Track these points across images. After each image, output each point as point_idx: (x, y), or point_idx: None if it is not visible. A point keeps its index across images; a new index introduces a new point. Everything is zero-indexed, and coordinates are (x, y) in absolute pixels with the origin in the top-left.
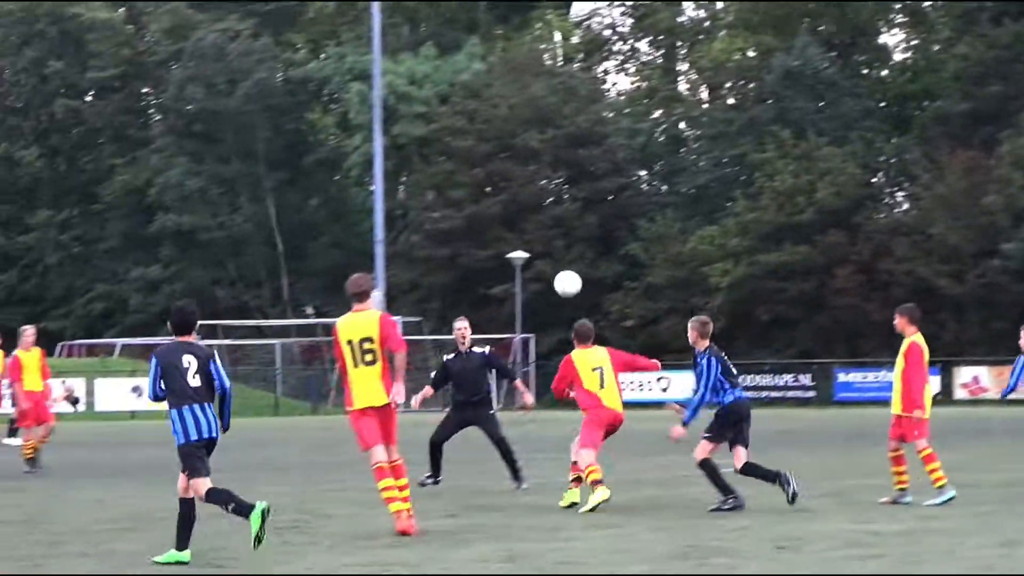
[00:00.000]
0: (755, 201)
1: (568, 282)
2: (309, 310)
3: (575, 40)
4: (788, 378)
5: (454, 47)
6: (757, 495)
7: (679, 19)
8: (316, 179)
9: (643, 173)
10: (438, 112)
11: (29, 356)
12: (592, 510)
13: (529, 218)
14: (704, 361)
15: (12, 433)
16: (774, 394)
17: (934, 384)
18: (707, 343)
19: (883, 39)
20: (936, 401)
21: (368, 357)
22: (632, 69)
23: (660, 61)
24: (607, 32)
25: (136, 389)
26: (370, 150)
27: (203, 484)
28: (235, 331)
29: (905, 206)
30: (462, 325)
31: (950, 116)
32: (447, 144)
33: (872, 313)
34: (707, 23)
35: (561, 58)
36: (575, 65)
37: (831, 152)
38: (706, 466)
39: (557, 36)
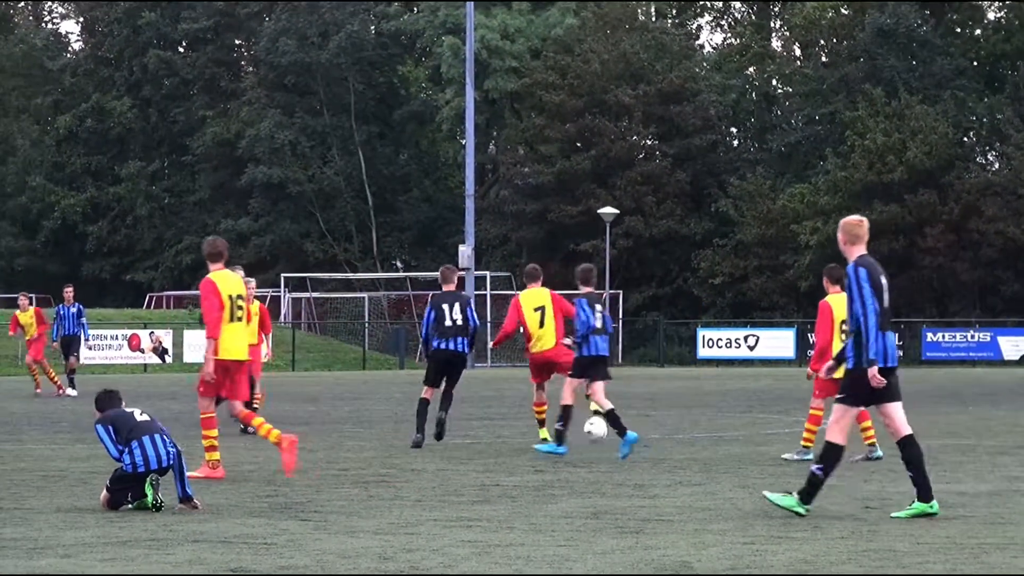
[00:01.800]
0: (845, 159)
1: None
2: (398, 264)
3: None
4: None
5: (547, 1)
6: (846, 456)
7: None
8: (407, 133)
9: (734, 130)
10: (530, 67)
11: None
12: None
13: (619, 174)
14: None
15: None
16: None
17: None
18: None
19: None
20: None
21: (239, 313)
22: (725, 25)
23: (753, 18)
24: None
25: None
26: (461, 104)
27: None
28: (324, 284)
29: (996, 166)
30: None
31: None
32: (539, 99)
33: (961, 273)
34: None
35: (654, 14)
36: (668, 21)
37: (923, 111)
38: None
39: None
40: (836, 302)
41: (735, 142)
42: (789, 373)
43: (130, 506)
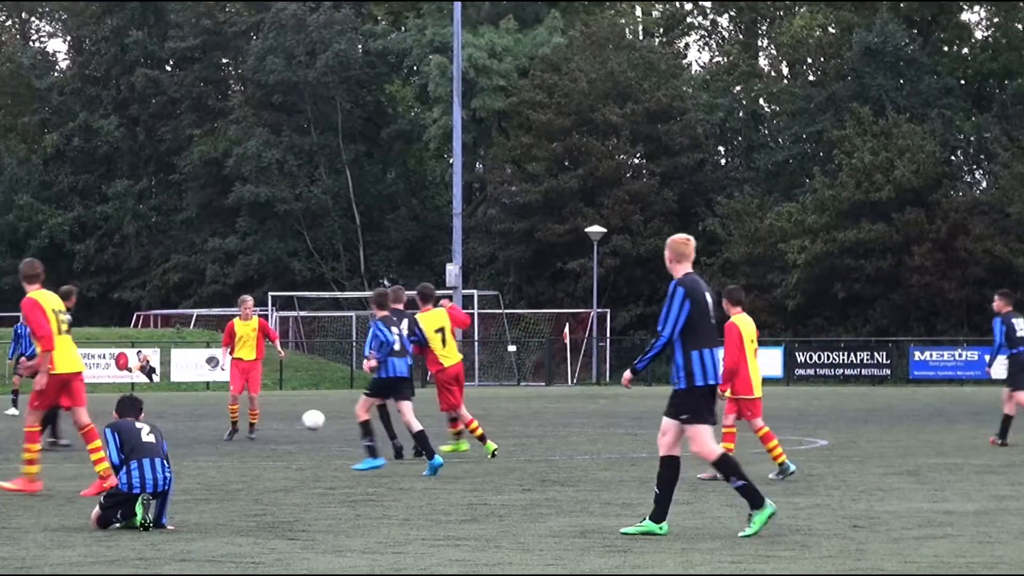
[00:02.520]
0: (833, 178)
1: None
2: (385, 282)
3: (655, 14)
4: (864, 356)
5: (535, 20)
6: (834, 474)
7: None
8: (394, 151)
9: (721, 149)
10: (517, 85)
11: None
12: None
13: (607, 193)
14: None
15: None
16: (849, 372)
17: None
18: None
19: (964, 17)
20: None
21: (65, 327)
22: (712, 44)
23: (740, 37)
24: (687, 6)
25: (211, 360)
26: (449, 123)
27: None
28: (311, 303)
29: (983, 184)
30: None
31: None
32: (526, 118)
33: (949, 292)
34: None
35: (641, 33)
36: (655, 40)
37: (910, 130)
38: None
39: (637, 10)
40: (742, 322)
41: (722, 161)
42: (777, 392)
43: (118, 525)
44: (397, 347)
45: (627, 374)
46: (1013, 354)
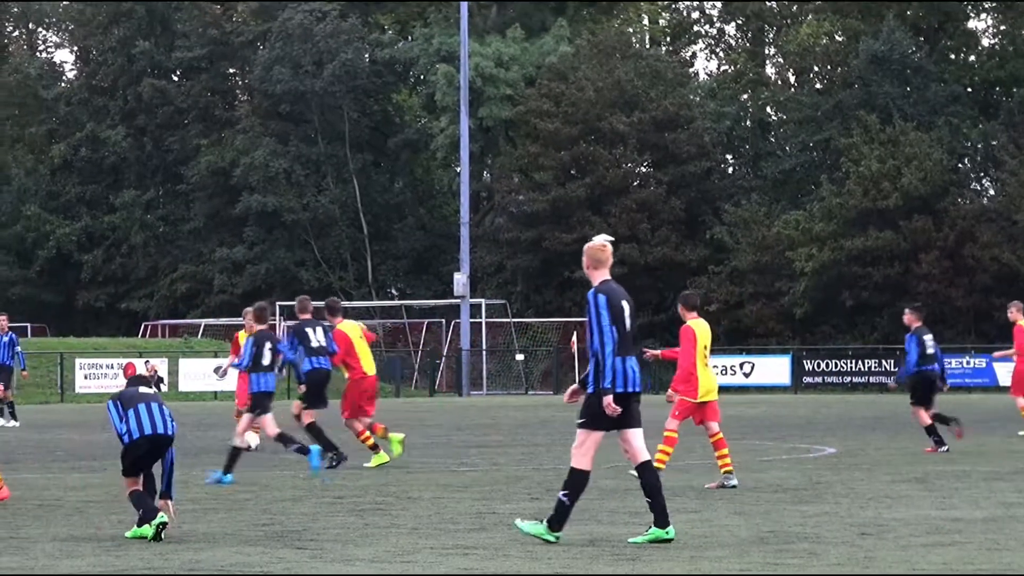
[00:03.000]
0: (840, 186)
1: None
2: (393, 292)
3: (661, 23)
4: (871, 363)
5: (541, 29)
6: (842, 481)
7: (767, 2)
8: (401, 161)
9: (729, 157)
10: (524, 94)
11: None
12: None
13: (614, 201)
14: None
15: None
16: (857, 379)
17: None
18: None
19: (971, 24)
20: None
21: None
22: (720, 53)
23: (747, 45)
24: (694, 15)
25: (217, 369)
26: (456, 132)
27: None
28: (319, 313)
29: (991, 192)
30: None
31: None
32: (533, 127)
33: (956, 300)
34: (795, 7)
35: (648, 42)
36: (662, 48)
37: (917, 137)
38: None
39: (644, 19)
40: (698, 327)
41: (730, 169)
42: (785, 400)
43: (127, 535)
44: (267, 363)
45: (607, 399)
46: (922, 371)
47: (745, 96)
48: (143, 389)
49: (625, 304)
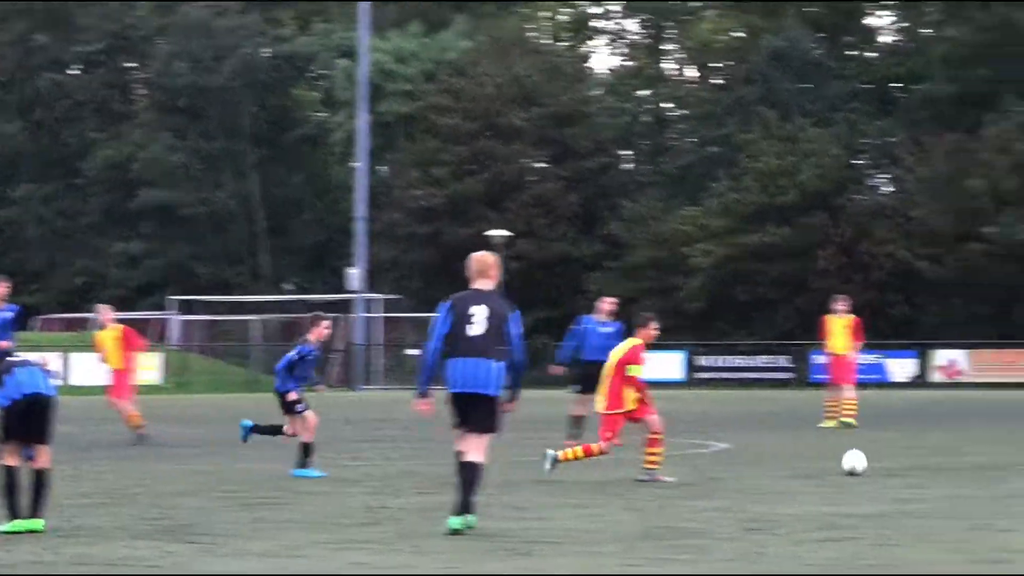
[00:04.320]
0: (738, 182)
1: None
2: (289, 286)
3: (562, 18)
4: (766, 359)
5: (441, 25)
6: (734, 477)
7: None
8: (299, 155)
9: (627, 153)
10: (423, 90)
11: None
12: None
13: (512, 197)
14: None
15: None
16: (752, 375)
17: (912, 367)
18: None
19: (870, 21)
20: (914, 384)
21: None
22: (619, 48)
23: (647, 41)
24: (594, 10)
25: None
26: (354, 127)
27: None
28: (214, 307)
29: (888, 188)
30: None
31: (936, 99)
32: (432, 122)
33: (852, 296)
34: (695, 3)
35: (550, 37)
36: (562, 44)
37: (816, 134)
38: None
39: (548, 15)
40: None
41: (628, 165)
42: (678, 395)
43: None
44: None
45: (417, 402)
46: (588, 362)
47: (644, 92)
48: (15, 356)
49: (474, 308)
